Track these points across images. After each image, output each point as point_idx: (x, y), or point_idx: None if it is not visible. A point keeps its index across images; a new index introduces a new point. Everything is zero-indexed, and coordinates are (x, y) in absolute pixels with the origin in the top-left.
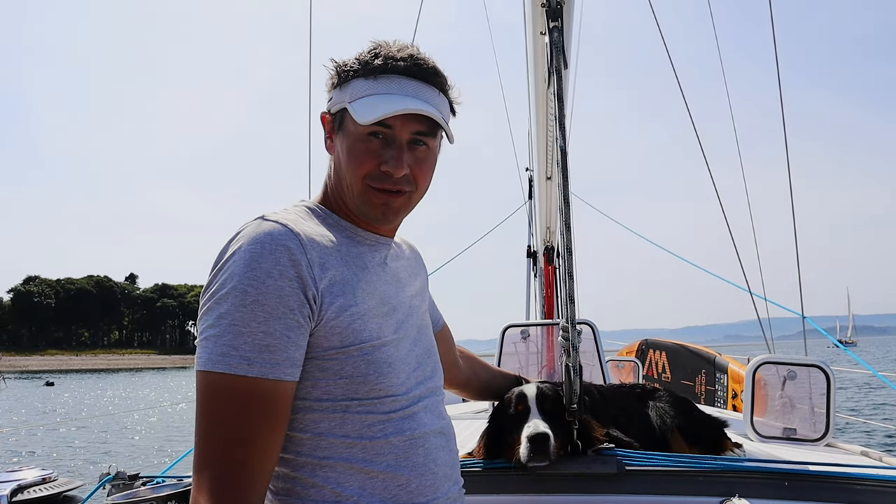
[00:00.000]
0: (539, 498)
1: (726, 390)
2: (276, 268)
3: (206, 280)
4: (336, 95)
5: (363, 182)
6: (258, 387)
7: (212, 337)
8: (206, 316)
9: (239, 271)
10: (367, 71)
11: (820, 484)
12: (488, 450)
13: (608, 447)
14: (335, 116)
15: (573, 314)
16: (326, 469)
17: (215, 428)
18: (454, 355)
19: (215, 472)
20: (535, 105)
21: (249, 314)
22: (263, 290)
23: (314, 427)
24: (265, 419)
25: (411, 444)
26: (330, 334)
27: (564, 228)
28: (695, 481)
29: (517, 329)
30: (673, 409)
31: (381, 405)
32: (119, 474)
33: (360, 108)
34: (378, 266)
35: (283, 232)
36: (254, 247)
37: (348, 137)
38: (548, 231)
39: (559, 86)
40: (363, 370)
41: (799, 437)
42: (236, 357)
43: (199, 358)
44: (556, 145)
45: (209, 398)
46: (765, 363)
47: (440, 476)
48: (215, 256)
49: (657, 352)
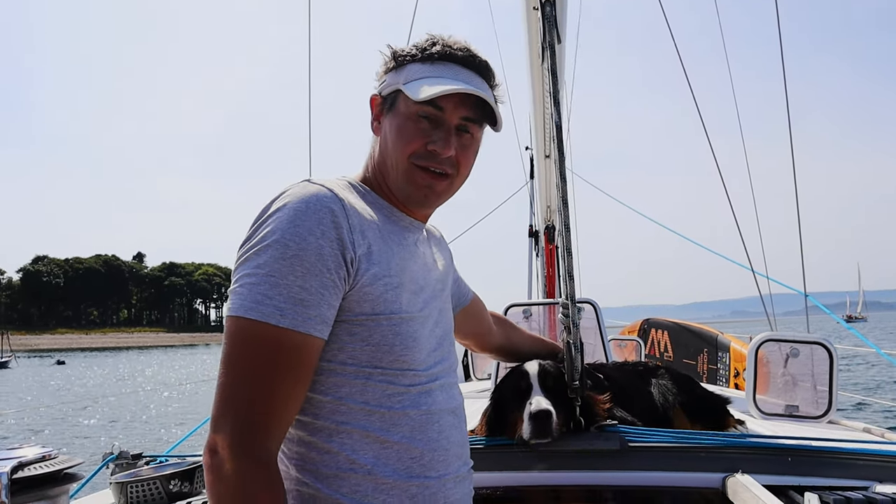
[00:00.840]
0: (542, 475)
1: (728, 369)
2: (318, 227)
3: (246, 234)
4: (390, 78)
5: (409, 161)
6: (288, 338)
7: (247, 285)
8: (244, 265)
9: (282, 226)
10: (424, 56)
11: (823, 459)
12: (490, 427)
13: (611, 424)
14: (386, 98)
15: (573, 291)
16: (343, 435)
17: (240, 373)
18: (488, 322)
19: (237, 415)
20: (532, 82)
21: (287, 267)
22: (304, 247)
23: (335, 391)
24: (291, 371)
25: (427, 419)
26: (362, 300)
27: (561, 204)
28: (698, 457)
29: (519, 308)
30: (675, 387)
31: (402, 377)
32: (122, 454)
33: (415, 88)
34: (411, 246)
35: (329, 195)
36: (299, 205)
37: (398, 117)
38: (549, 210)
39: (552, 61)
40: (390, 340)
41: (801, 414)
42: (270, 306)
43: (231, 304)
44: (552, 121)
45: (237, 343)
46: (767, 341)
47: (452, 454)
48: (257, 213)
49: (659, 331)
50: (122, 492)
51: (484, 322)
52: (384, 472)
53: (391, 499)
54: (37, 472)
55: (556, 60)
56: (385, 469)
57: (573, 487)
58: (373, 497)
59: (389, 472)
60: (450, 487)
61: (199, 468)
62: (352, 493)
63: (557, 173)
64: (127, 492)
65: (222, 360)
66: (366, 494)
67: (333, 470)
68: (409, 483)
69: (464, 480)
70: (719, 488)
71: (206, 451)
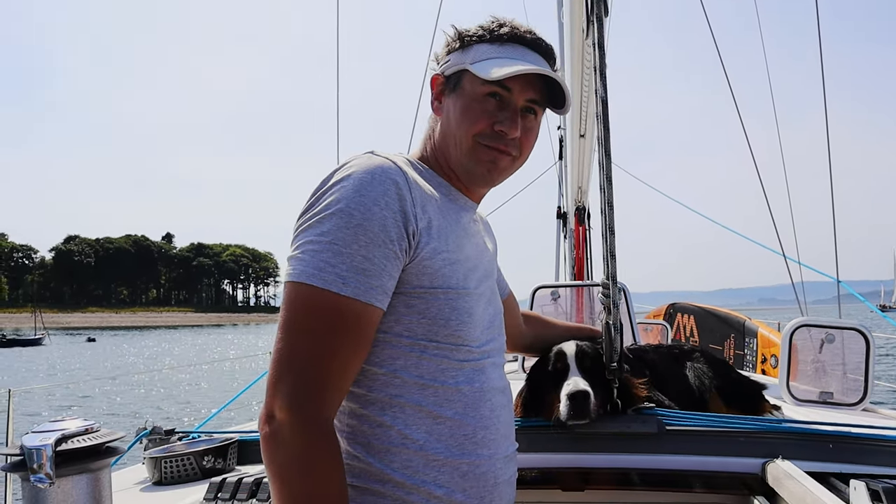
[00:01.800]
0: (579, 456)
1: (755, 355)
2: (383, 198)
3: (306, 203)
4: (455, 58)
5: (474, 139)
6: (349, 306)
7: (309, 251)
8: (306, 232)
9: (347, 195)
10: (493, 37)
11: (865, 446)
12: (526, 408)
13: (648, 406)
14: (449, 78)
15: (614, 270)
16: (396, 409)
17: (301, 339)
18: (519, 321)
19: (295, 380)
20: (570, 57)
21: (352, 236)
22: (369, 217)
23: (391, 363)
24: (350, 339)
25: (480, 396)
26: (422, 273)
27: (606, 183)
28: (736, 442)
29: (547, 290)
30: (711, 371)
31: (456, 352)
32: (156, 429)
33: (485, 67)
34: (467, 225)
35: (393, 167)
36: (364, 175)
37: (464, 97)
38: (579, 191)
39: (600, 34)
40: (446, 314)
41: (836, 401)
42: (332, 274)
43: (291, 270)
44: (597, 96)
45: (298, 309)
46: (802, 326)
47: (501, 433)
48: (318, 183)
49: (685, 315)
50: (157, 466)
51: (516, 319)
52: (436, 448)
53: (442, 476)
54: (80, 445)
55: (603, 33)
56: (437, 445)
57: (609, 470)
58: (424, 473)
59: (441, 448)
60: (499, 467)
61: (233, 444)
62: (403, 468)
63: (602, 150)
64: (161, 467)
65: (281, 325)
66: (417, 470)
67: (385, 444)
68: (460, 461)
69: (511, 460)
70: (758, 474)
71: (263, 418)
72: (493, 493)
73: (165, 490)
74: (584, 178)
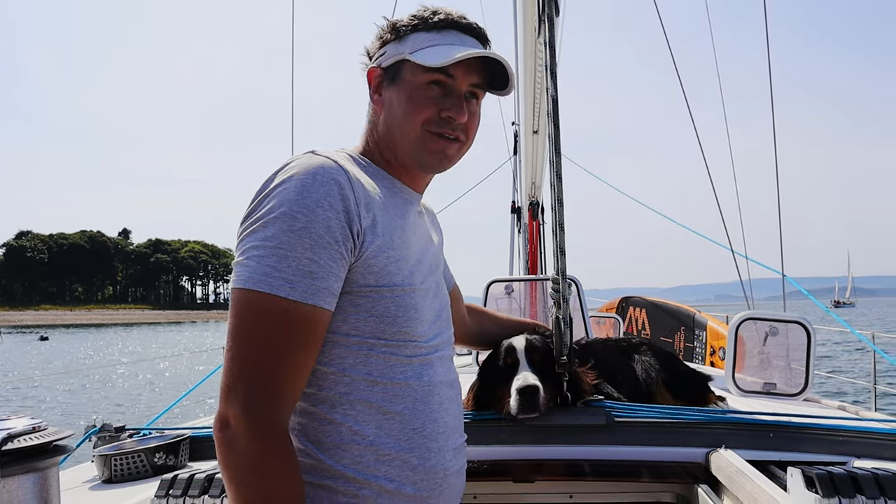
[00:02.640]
0: (529, 448)
1: (705, 347)
2: (326, 199)
3: (248, 207)
4: (392, 49)
5: (422, 128)
6: (298, 310)
7: (255, 257)
8: (250, 237)
9: (290, 198)
10: (428, 25)
11: (803, 435)
12: (478, 401)
13: (597, 399)
14: (387, 70)
15: (564, 266)
16: (346, 406)
17: (252, 346)
18: (463, 313)
19: (248, 387)
20: (523, 55)
21: (297, 239)
22: (313, 219)
23: (339, 362)
24: (301, 342)
25: (428, 390)
26: (367, 272)
27: (556, 179)
28: (682, 433)
29: (501, 284)
30: (658, 363)
31: (404, 348)
32: (105, 426)
33: (427, 55)
34: (412, 219)
35: (335, 167)
36: (305, 177)
37: (406, 87)
38: (533, 186)
39: (551, 33)
40: (393, 311)
41: (779, 391)
42: (279, 279)
43: (237, 276)
44: (548, 95)
45: (246, 316)
46: (747, 319)
47: (451, 426)
48: (259, 185)
49: (637, 309)
50: (107, 464)
51: (460, 311)
52: (386, 443)
53: (392, 470)
54: (26, 444)
55: (554, 33)
56: (387, 440)
57: (559, 461)
58: (374, 468)
59: (391, 443)
60: (448, 458)
61: (184, 440)
62: (353, 463)
63: (552, 148)
64: (111, 464)
65: (231, 332)
66: (367, 465)
67: (336, 440)
68: (410, 454)
69: (460, 452)
70: (703, 463)
71: (217, 425)
72: (444, 485)
73: (116, 488)
74: (537, 174)
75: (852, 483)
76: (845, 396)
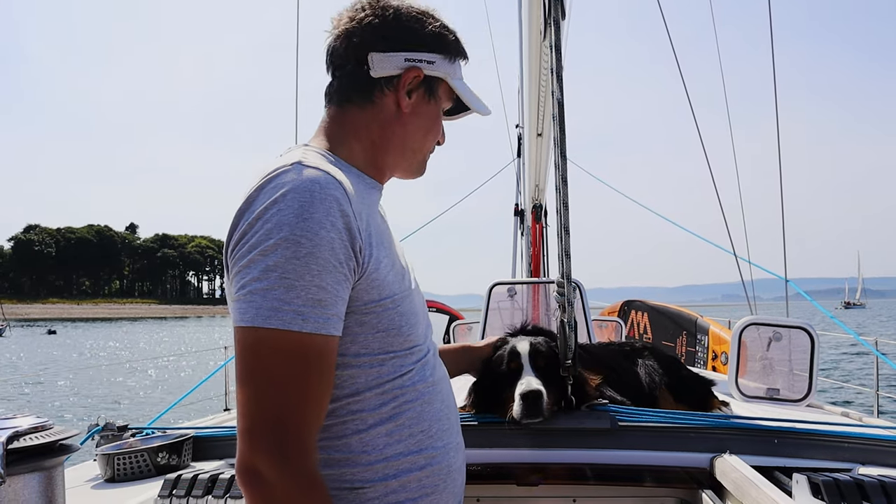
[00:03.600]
0: (534, 452)
1: (707, 351)
2: (327, 218)
3: (236, 230)
4: (441, 63)
5: (428, 152)
6: (312, 342)
7: (259, 291)
8: (249, 269)
9: (289, 220)
10: (461, 52)
11: (808, 442)
12: (480, 404)
13: (602, 403)
14: (426, 80)
15: (569, 269)
16: (357, 423)
17: (271, 387)
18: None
19: (275, 433)
20: (528, 58)
21: (303, 267)
22: (318, 242)
23: (351, 383)
24: (320, 376)
25: (432, 390)
26: (370, 287)
27: (561, 183)
28: (687, 437)
29: (504, 287)
30: (661, 368)
31: (410, 356)
32: (108, 425)
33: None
34: (382, 213)
35: (331, 181)
36: (304, 195)
37: (434, 109)
38: (536, 189)
39: (557, 37)
40: (397, 322)
41: (782, 397)
42: (289, 312)
43: (243, 313)
44: (553, 98)
45: (260, 356)
46: (751, 324)
47: (451, 422)
48: (241, 203)
49: (639, 312)
50: (110, 463)
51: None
52: (395, 448)
53: (402, 473)
54: (32, 443)
55: (560, 36)
56: (397, 446)
57: (563, 465)
58: (382, 472)
59: (401, 448)
60: (452, 456)
61: (188, 440)
62: (362, 471)
63: (558, 151)
64: (115, 464)
65: (243, 373)
66: (376, 472)
67: (345, 454)
68: (418, 456)
69: (460, 449)
70: (707, 468)
71: (246, 477)
72: (447, 481)
73: (118, 487)
74: (541, 177)
75: (858, 490)
76: (851, 404)
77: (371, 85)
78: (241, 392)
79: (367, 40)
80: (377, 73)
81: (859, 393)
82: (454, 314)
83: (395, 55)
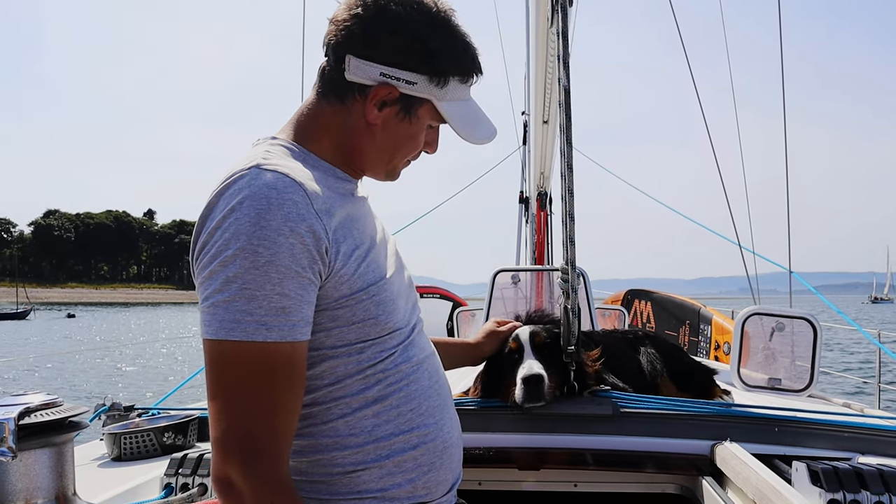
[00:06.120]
0: (534, 437)
1: (709, 341)
2: (286, 224)
3: (198, 239)
4: (422, 83)
5: (403, 160)
6: (279, 351)
7: (221, 303)
8: (211, 280)
9: (246, 230)
10: (463, 71)
11: (808, 430)
12: (484, 390)
13: (604, 389)
14: (402, 98)
15: (573, 256)
16: (342, 407)
17: (239, 399)
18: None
19: (245, 442)
20: (535, 45)
21: (263, 276)
22: (276, 250)
23: (331, 373)
24: (288, 383)
25: (417, 368)
26: (340, 283)
27: (567, 169)
28: (688, 424)
29: (508, 274)
30: (663, 356)
31: (391, 339)
32: (115, 405)
33: (465, 124)
34: (358, 201)
35: (289, 183)
36: (259, 202)
37: (415, 127)
38: (541, 176)
39: (564, 23)
40: (373, 312)
41: (783, 387)
42: (252, 323)
43: (207, 325)
44: (560, 85)
45: (226, 369)
46: (754, 314)
47: (442, 397)
48: (203, 209)
49: (643, 301)
50: (116, 443)
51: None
52: (385, 429)
53: (395, 453)
54: (42, 419)
55: (567, 23)
56: (386, 427)
57: (565, 450)
58: (374, 453)
59: (391, 428)
60: (447, 431)
61: (193, 421)
62: (353, 454)
63: (563, 137)
64: (121, 443)
65: (212, 386)
66: (367, 453)
67: (332, 439)
68: (410, 434)
69: (455, 421)
70: (708, 455)
71: (218, 486)
72: (444, 457)
73: (125, 466)
74: (546, 164)
75: (857, 478)
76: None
77: (345, 86)
78: (211, 404)
79: (349, 41)
80: (351, 77)
81: (866, 382)
82: (457, 300)
83: (372, 66)
